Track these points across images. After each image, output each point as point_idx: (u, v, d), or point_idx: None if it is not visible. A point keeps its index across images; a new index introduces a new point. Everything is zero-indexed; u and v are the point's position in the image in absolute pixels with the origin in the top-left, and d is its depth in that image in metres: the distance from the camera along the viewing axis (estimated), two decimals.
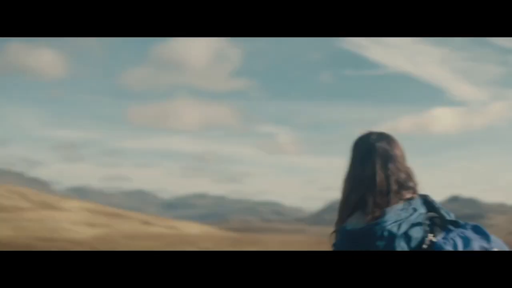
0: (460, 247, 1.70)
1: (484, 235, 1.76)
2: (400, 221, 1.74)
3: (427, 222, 1.79)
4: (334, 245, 1.90)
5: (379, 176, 1.84)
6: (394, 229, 1.72)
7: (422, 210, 1.80)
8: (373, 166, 1.86)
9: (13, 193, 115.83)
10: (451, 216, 1.82)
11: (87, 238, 72.97)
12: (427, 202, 1.85)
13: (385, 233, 1.72)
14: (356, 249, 1.78)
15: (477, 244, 1.72)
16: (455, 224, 1.80)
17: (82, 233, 77.46)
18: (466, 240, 1.73)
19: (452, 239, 1.73)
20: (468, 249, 1.70)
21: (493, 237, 1.77)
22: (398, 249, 1.72)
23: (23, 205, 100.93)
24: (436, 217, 1.81)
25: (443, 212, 1.82)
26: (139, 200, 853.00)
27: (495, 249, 1.74)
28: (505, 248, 1.78)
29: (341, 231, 1.87)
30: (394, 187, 1.84)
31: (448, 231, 1.77)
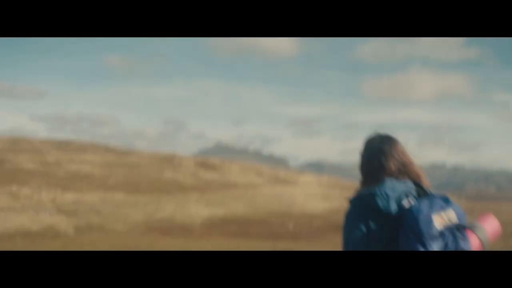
0: (425, 206, 2.26)
1: (447, 201, 2.33)
2: (394, 188, 2.39)
3: (413, 193, 2.42)
4: (346, 213, 2.53)
5: (387, 166, 2.55)
6: (390, 192, 2.36)
7: (411, 185, 2.45)
8: (380, 160, 2.57)
9: (248, 170, 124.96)
10: (432, 193, 2.43)
11: (322, 212, 75.67)
12: (416, 183, 2.49)
13: (383, 193, 2.35)
14: (363, 210, 2.41)
15: (438, 204, 2.29)
16: (432, 195, 2.40)
17: (317, 207, 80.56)
18: (431, 201, 2.31)
19: (421, 201, 2.32)
20: (431, 208, 2.27)
21: (454, 205, 2.34)
22: (392, 206, 2.34)
23: (258, 181, 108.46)
24: (421, 191, 2.43)
25: (426, 189, 2.45)
26: None
27: (451, 210, 2.29)
28: (462, 213, 2.32)
29: (352, 200, 2.52)
30: (393, 167, 2.54)
31: (423, 198, 2.37)
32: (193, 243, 46.87)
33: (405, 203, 2.36)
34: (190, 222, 58.25)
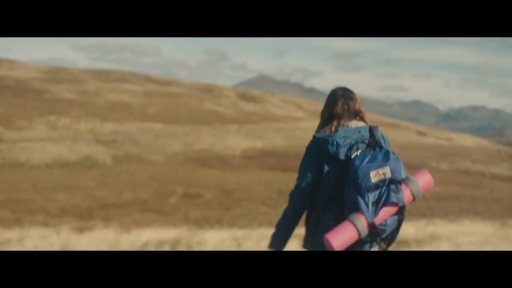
0: (365, 162, 2.64)
1: (387, 158, 2.68)
2: (346, 137, 2.79)
3: (366, 142, 2.82)
4: (304, 153, 2.95)
5: (339, 107, 2.95)
6: (340, 141, 2.77)
7: (365, 133, 2.85)
8: (336, 103, 2.98)
9: (289, 103, 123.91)
10: (384, 143, 2.87)
11: None
12: (371, 130, 2.88)
13: (334, 142, 2.77)
14: (317, 151, 2.84)
15: (378, 161, 2.65)
16: (380, 148, 2.80)
17: None
18: (373, 157, 2.68)
19: (364, 157, 2.69)
20: (371, 164, 2.63)
21: (393, 161, 2.68)
22: (341, 156, 2.76)
23: (298, 114, 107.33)
24: (372, 141, 2.81)
25: (378, 139, 2.84)
26: (416, 111, 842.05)
27: (387, 167, 2.65)
28: (398, 169, 2.66)
29: (312, 137, 2.93)
30: (347, 114, 2.95)
31: (370, 151, 2.75)
32: (230, 174, 46.55)
33: (354, 151, 2.78)
34: (229, 154, 58.01)
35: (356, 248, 2.70)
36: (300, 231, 3.02)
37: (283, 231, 2.91)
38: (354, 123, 2.90)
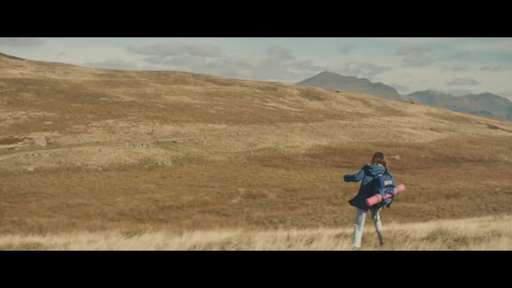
0: (383, 178, 8.71)
1: (390, 176, 8.85)
2: (377, 168, 8.92)
3: (382, 171, 8.93)
4: (360, 171, 9.18)
5: (374, 159, 9.22)
6: (375, 169, 8.90)
7: (383, 168, 8.96)
8: (375, 157, 9.32)
9: (355, 99, 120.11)
10: (389, 172, 8.98)
11: (428, 143, 71.49)
12: (386, 169, 9.02)
13: (373, 169, 8.89)
14: (366, 169, 9.01)
15: (388, 177, 8.76)
16: (387, 173, 8.93)
17: (424, 137, 76.29)
18: (385, 176, 8.74)
19: (383, 177, 8.75)
20: (385, 178, 8.75)
21: (392, 177, 8.90)
22: (375, 174, 8.95)
23: (364, 111, 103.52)
24: (385, 171, 8.95)
25: (387, 170, 8.96)
26: (487, 104, 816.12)
27: (390, 179, 8.78)
28: (394, 180, 8.91)
29: (365, 165, 9.20)
30: (377, 160, 9.11)
31: (384, 175, 8.83)
32: (294, 173, 44.25)
33: (379, 174, 8.79)
34: (293, 152, 55.86)
35: (376, 206, 8.64)
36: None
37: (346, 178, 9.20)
38: (380, 165, 8.93)
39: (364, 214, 8.76)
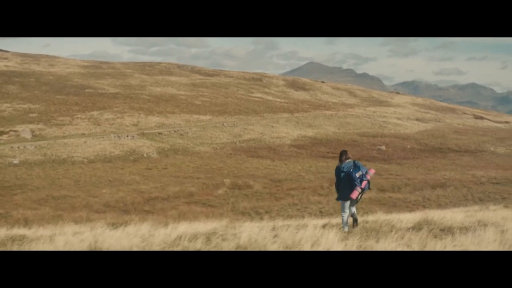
0: (354, 171, 10.26)
1: (360, 166, 10.33)
2: (348, 165, 10.46)
3: (352, 165, 10.42)
4: (335, 170, 11.02)
5: (343, 156, 10.75)
6: (346, 166, 10.44)
7: (352, 163, 10.48)
8: (342, 155, 10.79)
9: (340, 90, 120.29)
10: (362, 166, 10.45)
11: (414, 133, 72.01)
12: (354, 162, 10.55)
13: (344, 166, 10.44)
14: (339, 170, 10.59)
15: (358, 169, 10.23)
16: (356, 165, 10.45)
17: (410, 128, 76.82)
18: (355, 169, 10.26)
19: (354, 170, 10.25)
20: (356, 171, 10.28)
21: (362, 167, 10.44)
22: (346, 170, 10.46)
23: (350, 101, 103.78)
24: (356, 165, 10.42)
25: (358, 164, 10.44)
26: (473, 94, 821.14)
27: (360, 171, 10.25)
28: (365, 169, 10.40)
29: (336, 166, 10.79)
30: (345, 158, 10.70)
31: (354, 169, 10.36)
32: (280, 164, 44.42)
33: (350, 169, 10.25)
34: (278, 143, 56.00)
35: (359, 196, 10.27)
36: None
37: (336, 188, 10.61)
38: (348, 160, 10.52)
39: (348, 202, 10.44)
